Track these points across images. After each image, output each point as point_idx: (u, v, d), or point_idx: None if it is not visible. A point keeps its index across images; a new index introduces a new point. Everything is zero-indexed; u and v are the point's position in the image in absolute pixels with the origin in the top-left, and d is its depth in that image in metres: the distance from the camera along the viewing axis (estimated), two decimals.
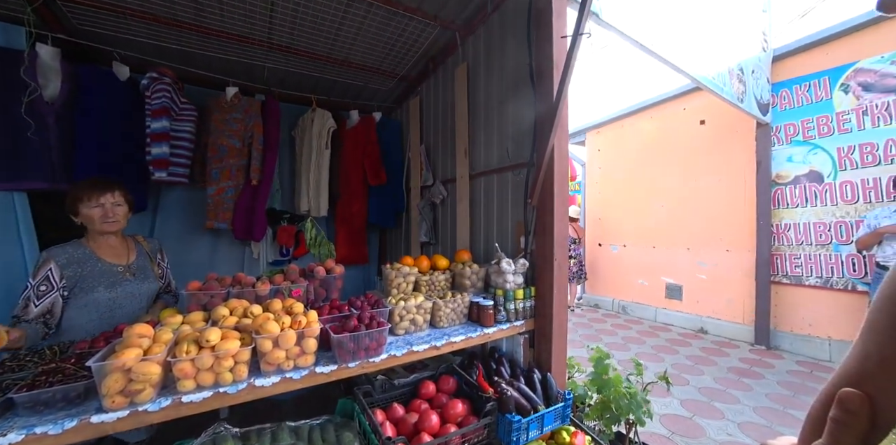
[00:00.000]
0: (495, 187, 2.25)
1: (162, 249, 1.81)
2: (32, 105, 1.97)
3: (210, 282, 1.41)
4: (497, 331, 1.67)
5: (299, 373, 1.17)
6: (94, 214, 1.50)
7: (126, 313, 1.56)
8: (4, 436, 0.81)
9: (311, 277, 1.60)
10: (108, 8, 2.08)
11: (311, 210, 2.87)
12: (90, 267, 1.51)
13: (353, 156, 3.09)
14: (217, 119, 2.56)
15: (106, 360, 0.91)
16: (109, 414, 0.91)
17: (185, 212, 2.79)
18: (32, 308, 1.36)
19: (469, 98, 2.49)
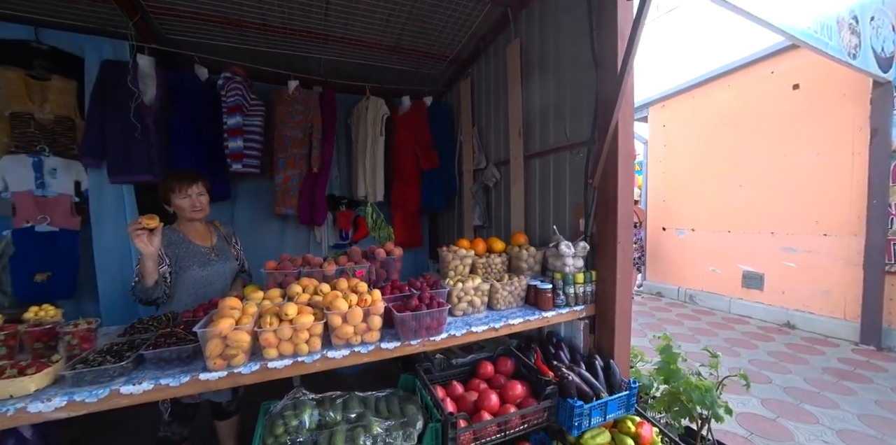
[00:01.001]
0: (552, 168, 2.16)
1: (235, 233, 1.99)
2: (137, 109, 2.25)
3: (284, 262, 1.53)
4: (556, 315, 1.63)
5: (366, 348, 1.25)
6: (183, 204, 1.69)
7: (214, 289, 1.75)
8: (140, 384, 0.96)
9: (373, 259, 1.67)
10: (189, 16, 2.27)
11: (368, 195, 2.98)
12: (184, 249, 1.71)
13: (405, 141, 3.13)
14: (281, 112, 2.73)
15: (207, 328, 1.04)
16: (212, 373, 1.04)
17: (257, 199, 3.05)
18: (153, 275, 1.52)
19: (523, 76, 2.38)
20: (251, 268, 1.99)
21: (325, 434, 1.14)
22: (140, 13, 2.23)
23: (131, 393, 0.96)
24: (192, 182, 1.70)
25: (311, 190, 2.75)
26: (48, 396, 0.90)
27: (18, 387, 0.89)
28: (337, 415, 1.21)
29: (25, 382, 0.89)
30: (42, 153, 2.14)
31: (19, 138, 2.10)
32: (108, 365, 0.97)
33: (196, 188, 1.71)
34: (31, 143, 2.13)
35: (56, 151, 2.19)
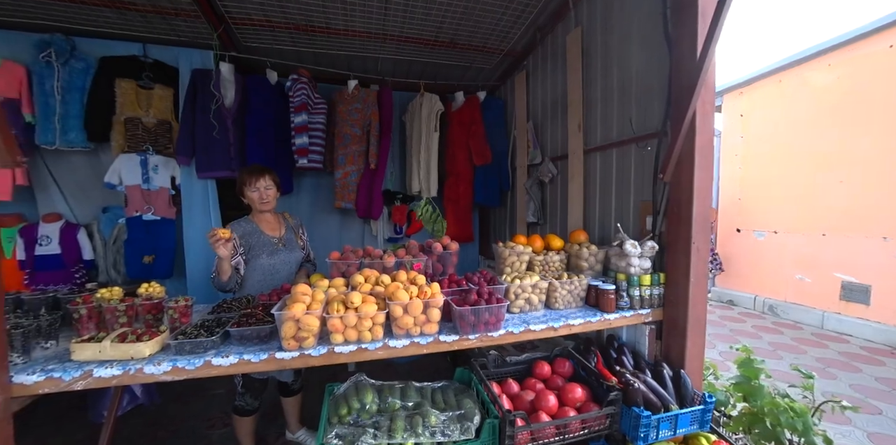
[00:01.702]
0: (614, 162, 2.03)
1: (302, 224, 2.12)
2: (218, 111, 2.49)
3: (347, 253, 1.61)
4: (619, 318, 1.54)
5: (425, 339, 1.27)
6: (253, 196, 1.85)
7: (281, 277, 1.89)
8: (227, 358, 1.07)
9: (430, 252, 1.70)
10: (263, 24, 2.47)
11: (422, 190, 3.04)
12: (256, 239, 1.86)
13: (459, 136, 3.14)
14: (341, 110, 2.87)
15: (283, 311, 1.12)
16: (287, 353, 1.12)
17: (317, 193, 3.25)
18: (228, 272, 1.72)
19: (584, 66, 2.26)
20: (315, 258, 2.12)
21: (385, 418, 1.19)
22: (223, 25, 2.46)
23: (220, 365, 1.07)
24: (259, 176, 1.84)
25: (368, 185, 2.86)
26: (158, 361, 1.04)
27: (137, 351, 1.03)
28: (395, 402, 1.25)
29: (142, 347, 1.03)
30: (147, 152, 2.46)
31: (130, 139, 2.43)
32: (203, 338, 1.09)
33: (263, 182, 1.84)
34: (139, 144, 2.45)
35: (157, 150, 2.50)
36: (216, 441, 2.16)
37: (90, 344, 1.02)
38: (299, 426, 2.11)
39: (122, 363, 1.02)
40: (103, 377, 0.99)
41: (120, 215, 2.57)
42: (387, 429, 1.13)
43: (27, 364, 1.01)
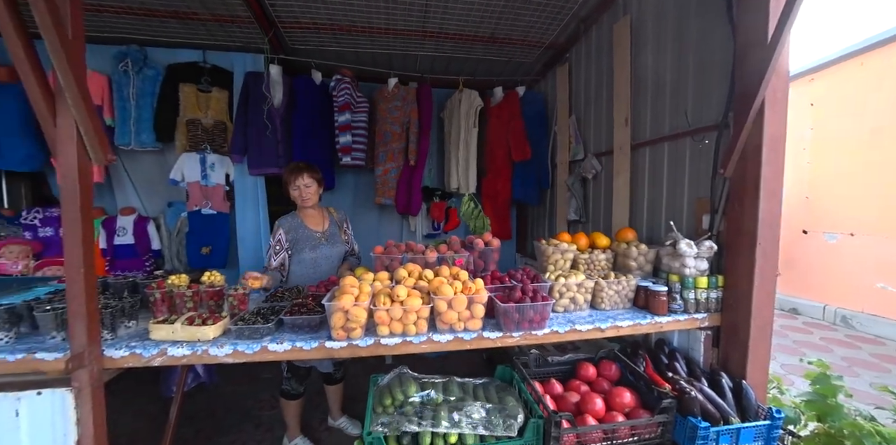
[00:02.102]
0: (666, 157, 1.91)
1: (347, 219, 2.18)
2: (268, 111, 2.64)
3: (390, 248, 1.64)
4: (671, 322, 1.45)
5: (469, 335, 1.27)
6: (294, 194, 1.93)
7: (323, 270, 1.96)
8: (281, 344, 1.13)
9: (471, 249, 1.69)
10: (310, 27, 2.57)
11: (460, 187, 3.04)
12: (301, 233, 1.94)
13: (497, 132, 3.10)
14: (382, 108, 2.93)
15: (332, 302, 1.16)
16: (336, 343, 1.17)
17: (357, 189, 3.34)
18: (273, 261, 1.88)
19: (632, 56, 2.15)
20: (359, 252, 2.18)
21: (428, 410, 1.20)
22: (273, 29, 2.58)
23: (275, 351, 1.13)
24: (298, 174, 1.89)
25: (407, 181, 2.91)
26: (221, 343, 1.12)
27: (203, 333, 1.11)
28: (439, 396, 1.26)
29: (207, 330, 1.11)
30: (205, 151, 2.65)
31: (191, 139, 2.64)
32: (260, 324, 1.15)
33: (302, 180, 1.89)
34: (199, 143, 2.65)
35: (214, 149, 2.69)
36: (265, 421, 2.30)
37: (164, 326, 1.11)
38: (341, 413, 2.20)
39: (191, 344, 1.11)
40: (175, 355, 1.08)
41: (182, 209, 2.80)
42: (430, 419, 1.15)
43: (114, 340, 1.12)
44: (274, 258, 1.88)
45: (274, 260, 1.88)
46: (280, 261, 1.89)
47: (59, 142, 0.96)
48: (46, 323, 1.07)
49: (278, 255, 1.89)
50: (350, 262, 2.10)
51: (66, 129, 0.96)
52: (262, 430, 2.22)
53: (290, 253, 1.93)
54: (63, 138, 0.96)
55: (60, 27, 0.91)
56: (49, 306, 1.09)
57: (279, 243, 1.90)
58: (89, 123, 0.98)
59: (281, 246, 1.89)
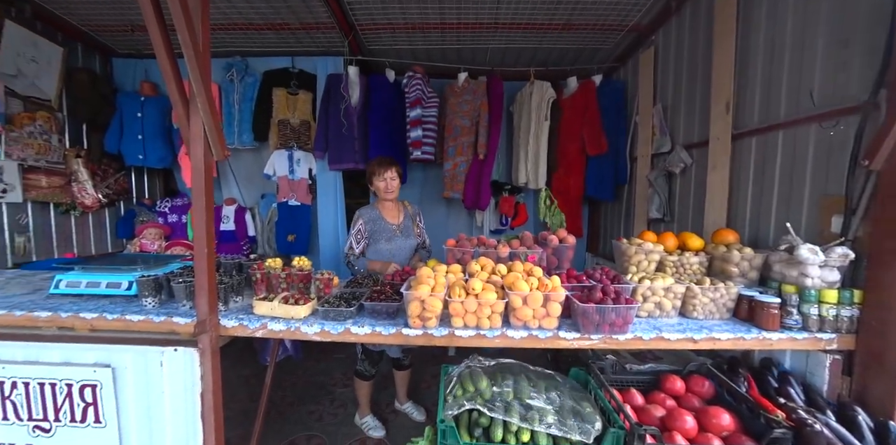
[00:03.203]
0: (780, 147, 1.64)
1: (420, 213, 2.23)
2: (346, 110, 2.81)
3: (462, 241, 1.65)
4: (784, 340, 1.25)
5: (544, 334, 1.23)
6: (380, 185, 2.01)
7: (397, 261, 2.03)
8: (362, 328, 1.21)
9: (545, 245, 1.63)
10: (385, 27, 2.68)
11: (529, 182, 2.96)
12: (378, 225, 2.04)
13: (571, 125, 2.95)
14: (452, 103, 2.95)
15: (410, 291, 1.20)
16: (412, 330, 1.21)
17: (425, 184, 3.43)
18: (355, 248, 2.01)
19: (738, 31, 1.87)
20: (430, 245, 2.23)
21: (499, 404, 1.19)
22: (352, 32, 2.74)
23: (357, 333, 1.21)
24: (388, 167, 2.00)
25: (477, 176, 2.90)
26: (311, 323, 1.22)
27: (296, 312, 1.23)
28: (509, 392, 1.24)
29: (300, 310, 1.23)
30: (293, 148, 2.92)
31: (282, 138, 2.92)
32: (343, 308, 1.24)
33: (390, 173, 2.00)
34: (287, 141, 2.92)
35: (300, 146, 2.95)
36: (338, 397, 2.50)
37: (265, 303, 1.25)
38: (407, 398, 2.30)
39: (286, 320, 1.23)
40: (274, 330, 1.21)
41: (273, 201, 3.12)
42: (502, 412, 1.13)
43: (226, 312, 1.29)
44: (355, 245, 2.01)
45: (356, 247, 2.01)
46: (362, 249, 2.03)
47: (192, 140, 1.12)
48: (179, 293, 1.26)
49: (359, 243, 2.02)
50: (421, 255, 2.16)
51: (196, 130, 1.12)
52: (335, 405, 2.41)
53: (367, 243, 2.04)
54: (195, 137, 1.12)
55: (196, 44, 1.06)
56: (181, 279, 1.28)
57: (359, 232, 2.02)
58: (213, 124, 1.12)
59: (361, 235, 2.02)
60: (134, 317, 1.20)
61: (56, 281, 1.36)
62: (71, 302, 1.31)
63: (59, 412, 1.14)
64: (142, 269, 1.41)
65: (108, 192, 2.90)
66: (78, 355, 1.14)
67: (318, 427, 2.20)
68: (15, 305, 1.26)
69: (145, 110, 2.87)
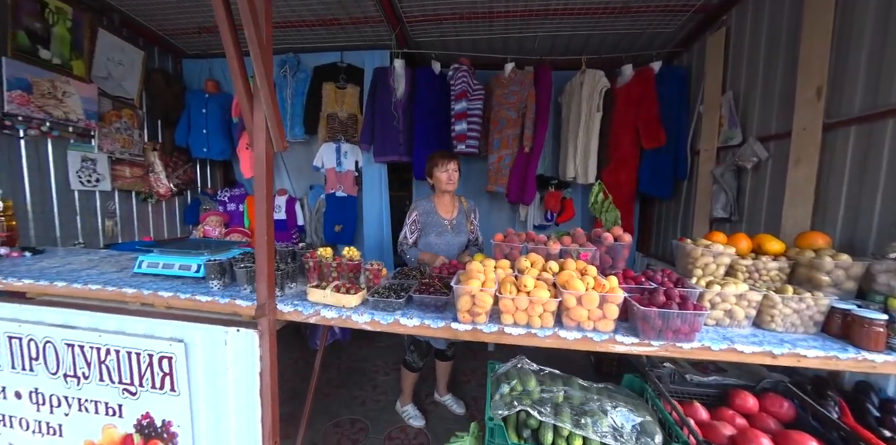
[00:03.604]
0: (888, 138, 1.42)
1: (476, 210, 2.19)
2: (392, 103, 2.84)
3: (511, 236, 1.60)
4: (891, 363, 1.08)
5: (600, 336, 1.16)
6: (442, 177, 1.99)
7: (446, 256, 1.99)
8: (411, 319, 1.21)
9: (598, 243, 1.54)
10: (432, 19, 2.65)
11: (578, 176, 2.82)
12: (431, 218, 2.04)
13: (624, 116, 2.76)
14: (498, 94, 2.87)
15: (460, 285, 1.18)
16: (461, 325, 1.19)
17: (467, 177, 3.33)
18: (409, 238, 2.04)
19: (838, 5, 1.63)
20: (482, 243, 2.17)
21: (548, 406, 1.15)
22: (400, 24, 2.73)
23: (406, 325, 1.21)
24: (451, 159, 2.00)
25: (522, 169, 2.82)
26: (361, 312, 1.24)
27: (347, 300, 1.26)
28: (559, 394, 1.19)
29: (351, 299, 1.26)
30: (340, 141, 3.01)
31: (330, 131, 3.01)
32: (392, 299, 1.24)
33: (452, 165, 1.99)
34: (335, 134, 3.01)
35: (347, 139, 3.03)
36: (380, 383, 2.58)
37: (318, 290, 1.29)
38: (447, 390, 2.31)
39: (337, 308, 1.27)
40: (326, 317, 1.25)
41: (321, 192, 3.24)
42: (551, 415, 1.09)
43: (282, 297, 1.35)
44: (409, 235, 2.04)
45: (410, 237, 2.04)
46: (415, 240, 2.06)
47: (255, 132, 1.17)
48: (241, 277, 1.34)
49: (413, 234, 2.05)
50: (471, 251, 2.12)
51: (259, 123, 1.16)
52: (377, 392, 2.48)
53: (419, 235, 2.06)
54: (258, 129, 1.16)
55: (260, 40, 1.09)
56: (243, 264, 1.36)
57: (414, 223, 2.04)
58: (274, 117, 1.16)
59: (416, 225, 2.04)
60: (202, 298, 1.30)
61: (139, 261, 1.50)
62: (151, 281, 1.44)
63: (142, 378, 1.26)
64: (208, 254, 1.51)
65: (178, 182, 3.16)
66: (157, 329, 1.25)
67: (360, 411, 2.28)
68: (108, 281, 1.41)
69: (209, 106, 3.08)
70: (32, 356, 1.30)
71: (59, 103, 2.39)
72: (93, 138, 2.60)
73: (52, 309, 1.30)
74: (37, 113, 2.26)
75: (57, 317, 1.30)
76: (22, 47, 2.18)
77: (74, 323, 1.28)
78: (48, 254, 1.92)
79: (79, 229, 2.57)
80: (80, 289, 1.37)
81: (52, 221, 2.43)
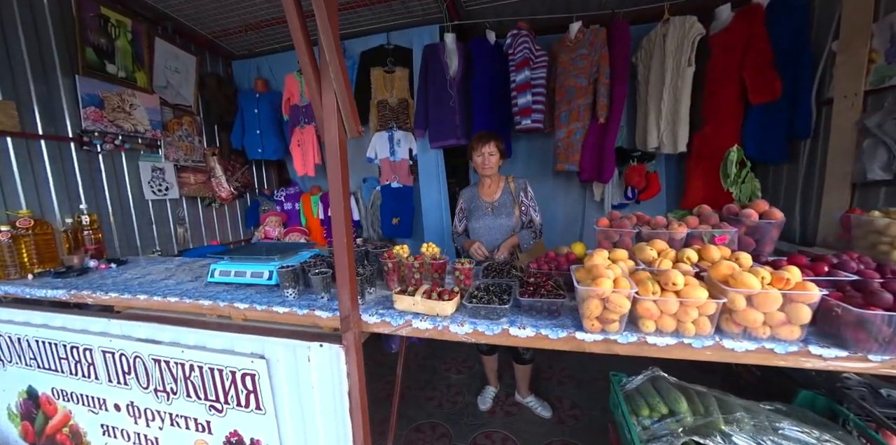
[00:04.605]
0: None
1: (527, 187, 1.97)
2: (446, 81, 2.58)
3: (618, 220, 1.32)
4: None
5: (784, 348, 0.86)
6: (476, 161, 1.92)
7: (486, 241, 1.91)
8: (523, 330, 0.99)
9: (737, 222, 1.21)
10: None
11: (664, 145, 2.40)
12: (474, 203, 1.97)
13: (724, 68, 2.28)
14: (564, 60, 2.50)
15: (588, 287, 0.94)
16: (588, 335, 0.95)
17: (530, 157, 3.03)
18: (458, 227, 2.02)
19: None
20: (541, 225, 1.98)
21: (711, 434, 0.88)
22: None
23: (517, 336, 1.00)
24: (485, 142, 1.87)
25: (597, 143, 2.46)
26: (461, 321, 1.05)
27: (442, 308, 1.07)
28: (718, 419, 0.92)
29: (446, 306, 1.07)
30: (392, 129, 2.83)
31: (381, 119, 2.84)
32: (497, 305, 1.03)
33: (487, 148, 1.87)
34: (387, 122, 2.83)
35: (399, 126, 2.84)
36: (454, 383, 2.44)
37: (406, 297, 1.12)
38: (529, 392, 2.11)
39: (431, 318, 1.08)
40: (420, 328, 1.07)
41: (374, 184, 3.11)
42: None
43: (363, 305, 1.20)
44: (458, 224, 2.05)
45: (458, 226, 2.04)
46: (463, 228, 2.02)
47: (325, 117, 0.99)
48: (317, 284, 1.21)
49: (461, 222, 2.04)
50: (521, 237, 1.87)
51: (329, 105, 0.98)
52: (453, 392, 2.34)
53: (467, 222, 2.01)
54: (328, 113, 0.98)
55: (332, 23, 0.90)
56: (317, 270, 1.23)
57: (461, 211, 2.04)
58: (346, 98, 0.97)
59: (462, 213, 2.03)
60: (279, 309, 1.18)
61: (212, 270, 1.44)
62: (225, 291, 1.36)
63: (227, 395, 1.18)
64: (279, 259, 1.40)
65: (238, 185, 3.19)
66: (237, 344, 1.16)
67: (438, 414, 2.15)
68: (184, 292, 1.35)
69: (260, 106, 3.04)
70: (125, 370, 1.28)
71: (128, 116, 2.43)
72: (159, 148, 2.65)
73: (137, 323, 1.26)
74: (110, 127, 2.32)
75: (142, 332, 1.25)
76: (91, 64, 2.22)
77: (158, 337, 1.23)
78: (131, 265, 1.95)
79: (155, 237, 2.65)
80: (160, 302, 1.32)
81: (133, 231, 2.52)
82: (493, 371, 2.18)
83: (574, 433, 1.94)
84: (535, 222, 1.95)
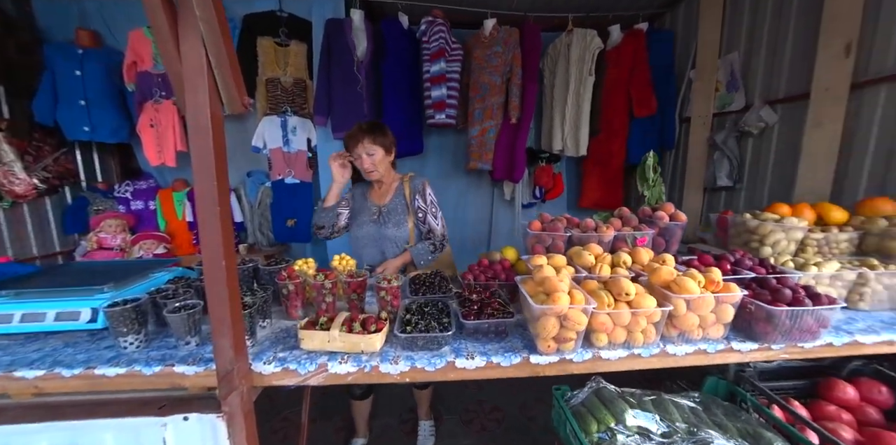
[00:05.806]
0: None
1: (426, 189, 1.54)
2: (353, 64, 2.26)
3: (548, 223, 1.27)
4: None
5: (713, 346, 0.90)
6: (357, 164, 1.46)
7: (368, 252, 1.53)
8: (471, 360, 0.83)
9: (650, 224, 1.28)
10: None
11: (567, 149, 2.56)
12: (359, 204, 1.57)
13: (617, 82, 2.54)
14: (478, 56, 2.44)
15: (536, 304, 0.82)
16: (543, 357, 0.85)
17: (443, 154, 2.90)
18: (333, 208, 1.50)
19: None
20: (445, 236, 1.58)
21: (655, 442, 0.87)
22: None
23: (464, 368, 0.83)
24: (356, 142, 1.41)
25: (509, 143, 2.48)
26: (394, 357, 0.83)
27: (369, 343, 0.84)
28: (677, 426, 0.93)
29: (375, 339, 0.83)
30: (286, 113, 2.37)
31: (272, 101, 2.35)
32: (437, 332, 0.85)
33: (361, 147, 1.41)
34: (279, 105, 2.36)
35: (294, 111, 2.39)
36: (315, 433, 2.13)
37: (318, 332, 0.84)
38: (428, 416, 1.82)
39: (354, 356, 0.83)
40: (339, 373, 0.81)
41: (262, 179, 2.59)
42: None
43: (254, 347, 0.88)
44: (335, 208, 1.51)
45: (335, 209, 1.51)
46: (344, 219, 1.55)
47: (186, 78, 0.64)
48: (179, 326, 0.82)
49: (343, 211, 1.55)
50: (414, 252, 1.48)
51: (194, 60, 0.63)
52: None
53: (350, 222, 1.58)
54: (191, 72, 0.63)
55: None
56: (178, 304, 0.84)
57: (346, 200, 1.56)
58: (223, 50, 0.64)
59: (347, 203, 1.56)
60: (108, 370, 0.76)
61: None
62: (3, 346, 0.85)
63: None
64: (111, 288, 0.94)
65: (47, 176, 2.26)
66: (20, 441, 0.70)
67: None
68: None
69: (86, 67, 2.20)
70: None
71: None
72: None
73: None
74: None
75: None
76: None
77: None
78: None
79: None
80: None
81: None
82: (364, 420, 1.70)
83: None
84: (434, 232, 1.54)
